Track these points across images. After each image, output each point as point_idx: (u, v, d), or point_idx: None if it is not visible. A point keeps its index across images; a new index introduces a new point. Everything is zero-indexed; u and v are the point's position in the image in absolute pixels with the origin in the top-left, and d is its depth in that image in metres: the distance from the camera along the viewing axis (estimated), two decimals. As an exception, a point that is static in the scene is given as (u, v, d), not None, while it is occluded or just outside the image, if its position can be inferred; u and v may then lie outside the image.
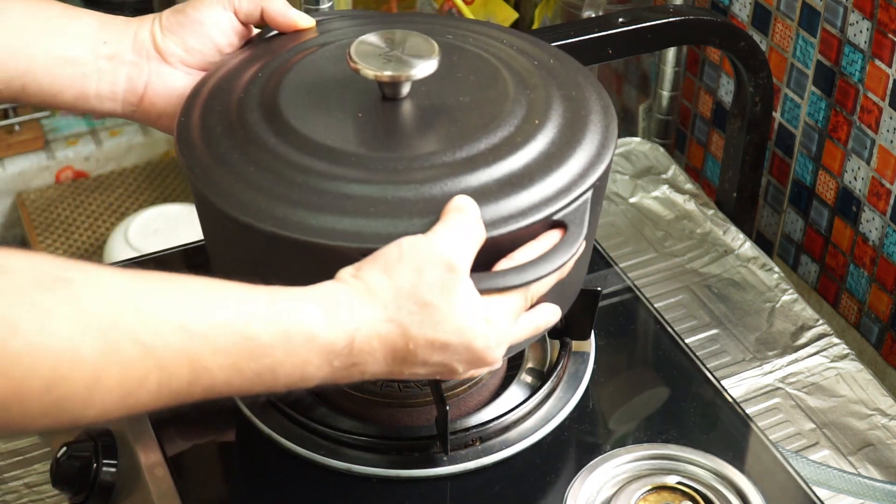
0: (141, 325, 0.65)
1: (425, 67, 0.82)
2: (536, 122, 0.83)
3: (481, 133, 0.82)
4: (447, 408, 0.85)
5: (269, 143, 0.81)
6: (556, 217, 0.79)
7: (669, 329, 1.01)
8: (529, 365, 0.96)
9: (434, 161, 0.80)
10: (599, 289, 0.94)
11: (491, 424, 0.90)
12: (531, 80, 0.87)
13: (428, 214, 0.77)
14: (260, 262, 0.81)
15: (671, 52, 1.42)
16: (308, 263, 0.78)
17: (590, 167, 0.82)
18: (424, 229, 0.76)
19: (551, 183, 0.80)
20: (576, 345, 0.97)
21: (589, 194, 0.81)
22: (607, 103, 0.88)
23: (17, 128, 1.74)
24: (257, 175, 0.80)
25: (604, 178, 0.84)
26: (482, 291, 0.75)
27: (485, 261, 0.77)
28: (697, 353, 1.00)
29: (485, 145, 0.81)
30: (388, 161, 0.80)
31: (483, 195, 0.78)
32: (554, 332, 0.96)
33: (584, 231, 0.80)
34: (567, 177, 0.81)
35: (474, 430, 0.89)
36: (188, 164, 0.83)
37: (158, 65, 0.90)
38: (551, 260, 0.78)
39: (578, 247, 0.79)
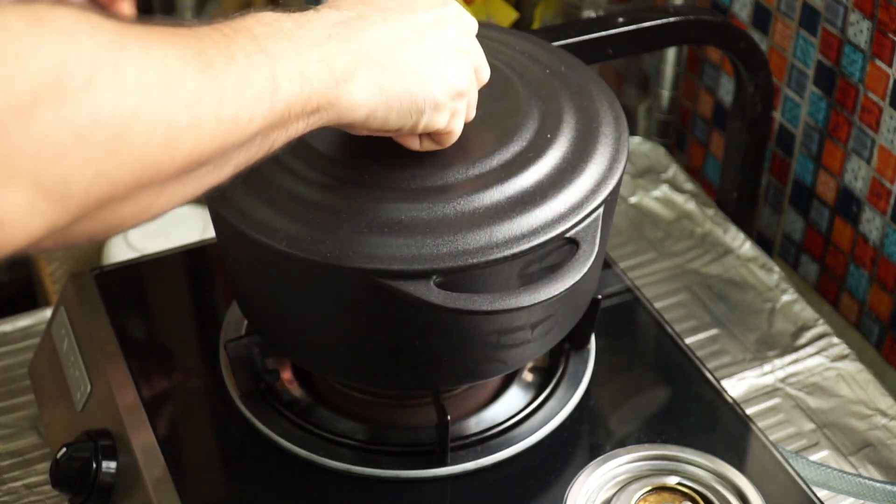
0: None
1: None
2: (549, 136, 0.83)
3: (493, 149, 0.81)
4: (448, 418, 0.85)
5: (283, 160, 0.81)
6: (567, 234, 0.79)
7: (669, 329, 1.01)
8: (530, 365, 0.96)
9: (447, 179, 0.80)
10: (599, 297, 0.94)
11: (491, 429, 0.90)
12: (543, 90, 0.87)
13: (441, 234, 0.77)
14: (275, 279, 0.81)
15: (671, 52, 1.42)
16: (323, 283, 0.78)
17: (602, 182, 0.82)
18: (437, 249, 0.76)
19: (563, 200, 0.80)
20: (576, 345, 0.97)
21: (601, 210, 0.81)
22: (619, 113, 0.87)
23: (16, 128, 1.74)
24: (272, 193, 0.80)
25: (615, 192, 0.84)
26: None
27: (498, 281, 0.77)
28: (697, 353, 1.00)
29: (497, 161, 0.81)
30: (401, 180, 0.79)
31: (496, 214, 0.78)
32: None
33: (596, 248, 0.79)
34: (579, 193, 0.80)
35: (474, 437, 0.89)
36: None
37: None
38: (563, 279, 0.77)
39: (590, 264, 0.79)
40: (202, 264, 1.10)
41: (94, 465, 0.91)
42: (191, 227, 1.61)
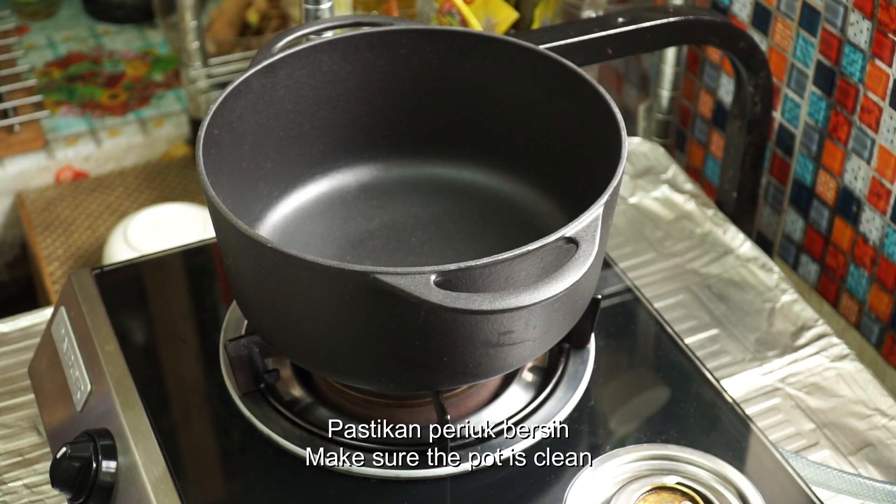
0: None
1: None
2: None
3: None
4: (448, 418, 0.85)
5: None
6: (567, 234, 0.79)
7: (669, 329, 1.01)
8: (530, 365, 0.96)
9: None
10: (599, 297, 0.94)
11: (491, 429, 0.90)
12: None
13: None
14: (275, 279, 0.81)
15: (671, 52, 1.42)
16: (323, 283, 0.78)
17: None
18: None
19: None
20: (576, 345, 0.97)
21: (600, 210, 0.81)
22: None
23: (16, 128, 1.74)
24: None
25: (615, 193, 0.84)
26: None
27: (498, 281, 0.77)
28: (697, 353, 1.00)
29: None
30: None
31: None
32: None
33: (596, 248, 0.79)
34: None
35: (474, 437, 0.89)
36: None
37: None
38: (563, 279, 0.77)
39: (590, 264, 0.79)
40: (202, 264, 1.10)
41: (94, 465, 0.91)
42: (191, 227, 1.61)
